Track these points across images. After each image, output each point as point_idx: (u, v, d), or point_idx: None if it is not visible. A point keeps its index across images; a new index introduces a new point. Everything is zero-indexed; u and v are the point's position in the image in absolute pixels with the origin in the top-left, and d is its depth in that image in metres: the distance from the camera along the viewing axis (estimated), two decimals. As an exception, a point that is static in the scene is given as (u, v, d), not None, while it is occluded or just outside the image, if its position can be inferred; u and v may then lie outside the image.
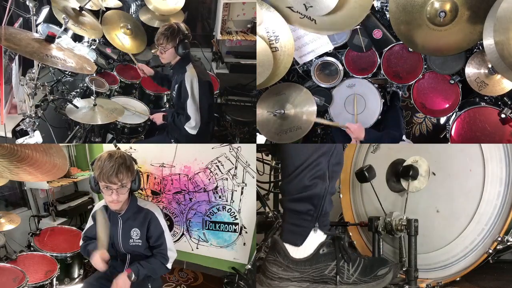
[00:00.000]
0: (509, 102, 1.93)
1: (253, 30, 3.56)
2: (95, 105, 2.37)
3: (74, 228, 2.93)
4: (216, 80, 3.29)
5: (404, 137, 2.06)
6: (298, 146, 1.45)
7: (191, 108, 2.45)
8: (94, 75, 2.80)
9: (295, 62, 2.11)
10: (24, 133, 2.07)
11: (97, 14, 3.01)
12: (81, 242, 2.06)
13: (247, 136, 3.14)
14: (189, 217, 3.08)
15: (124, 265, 1.96)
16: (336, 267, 1.46)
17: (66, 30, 2.69)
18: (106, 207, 1.93)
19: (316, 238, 1.49)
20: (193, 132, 2.49)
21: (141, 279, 1.86)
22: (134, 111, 2.85)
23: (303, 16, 1.88)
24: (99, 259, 1.81)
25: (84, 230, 2.08)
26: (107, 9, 3.11)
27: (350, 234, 2.12)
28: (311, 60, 2.10)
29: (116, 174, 1.69)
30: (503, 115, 1.88)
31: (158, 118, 2.69)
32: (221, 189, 2.91)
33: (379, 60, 2.04)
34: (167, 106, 3.20)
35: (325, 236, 1.50)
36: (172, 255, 1.98)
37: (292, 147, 1.47)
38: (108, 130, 2.85)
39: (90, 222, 2.04)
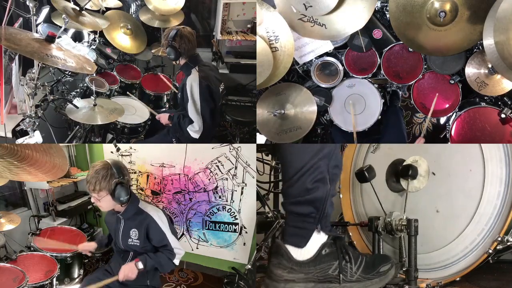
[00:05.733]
0: (509, 102, 1.93)
1: (253, 30, 3.56)
2: (95, 105, 2.37)
3: (74, 228, 2.93)
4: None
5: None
6: (297, 149, 1.46)
7: (191, 111, 2.44)
8: (94, 75, 2.81)
9: (295, 62, 2.11)
10: (24, 133, 2.07)
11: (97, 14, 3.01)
12: None
13: (247, 136, 3.15)
14: (189, 217, 3.09)
15: (126, 261, 2.02)
16: (339, 267, 1.47)
17: (66, 30, 2.69)
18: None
19: (318, 239, 1.51)
20: (195, 135, 2.48)
21: (149, 269, 1.93)
22: (143, 105, 2.87)
23: (313, 24, 1.89)
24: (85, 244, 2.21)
25: None
26: (107, 9, 3.11)
27: (350, 234, 2.12)
28: (311, 60, 2.10)
29: (88, 183, 1.89)
30: (503, 115, 1.88)
31: (164, 118, 2.68)
32: (221, 189, 2.91)
33: (379, 60, 2.04)
34: (167, 106, 3.20)
35: (326, 236, 1.51)
36: (179, 252, 2.02)
37: (290, 150, 1.47)
38: (108, 130, 2.85)
39: None
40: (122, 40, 3.18)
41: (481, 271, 1.82)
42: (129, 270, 1.88)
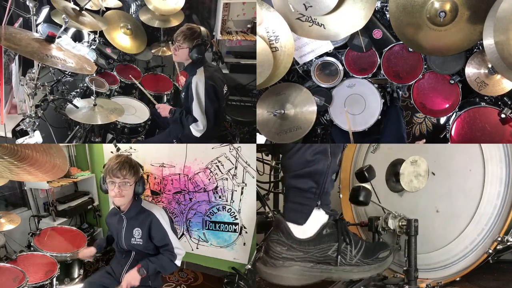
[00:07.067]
0: (509, 102, 1.93)
1: (253, 30, 3.56)
2: (95, 105, 2.37)
3: (74, 228, 2.93)
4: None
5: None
6: None
7: (197, 111, 2.43)
8: (94, 75, 2.80)
9: (295, 62, 2.11)
10: (24, 133, 2.08)
11: (97, 14, 3.01)
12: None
13: (247, 136, 3.15)
14: (189, 217, 3.09)
15: (127, 261, 2.04)
16: (338, 248, 1.46)
17: (66, 30, 2.70)
18: (115, 209, 2.07)
19: (319, 218, 1.48)
20: (197, 134, 2.47)
21: (151, 274, 1.93)
22: (148, 92, 2.89)
23: (311, 23, 1.88)
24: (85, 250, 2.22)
25: None
26: (107, 9, 3.11)
27: (350, 234, 2.12)
28: (311, 60, 2.10)
29: (119, 169, 1.86)
30: (503, 115, 1.88)
31: (164, 109, 2.62)
32: (221, 189, 2.91)
33: (379, 60, 2.04)
34: (167, 106, 3.20)
35: (327, 216, 1.49)
36: (179, 252, 2.02)
37: None
38: (108, 130, 2.85)
39: None
40: (122, 40, 3.18)
41: (481, 271, 1.82)
42: (132, 278, 1.87)
